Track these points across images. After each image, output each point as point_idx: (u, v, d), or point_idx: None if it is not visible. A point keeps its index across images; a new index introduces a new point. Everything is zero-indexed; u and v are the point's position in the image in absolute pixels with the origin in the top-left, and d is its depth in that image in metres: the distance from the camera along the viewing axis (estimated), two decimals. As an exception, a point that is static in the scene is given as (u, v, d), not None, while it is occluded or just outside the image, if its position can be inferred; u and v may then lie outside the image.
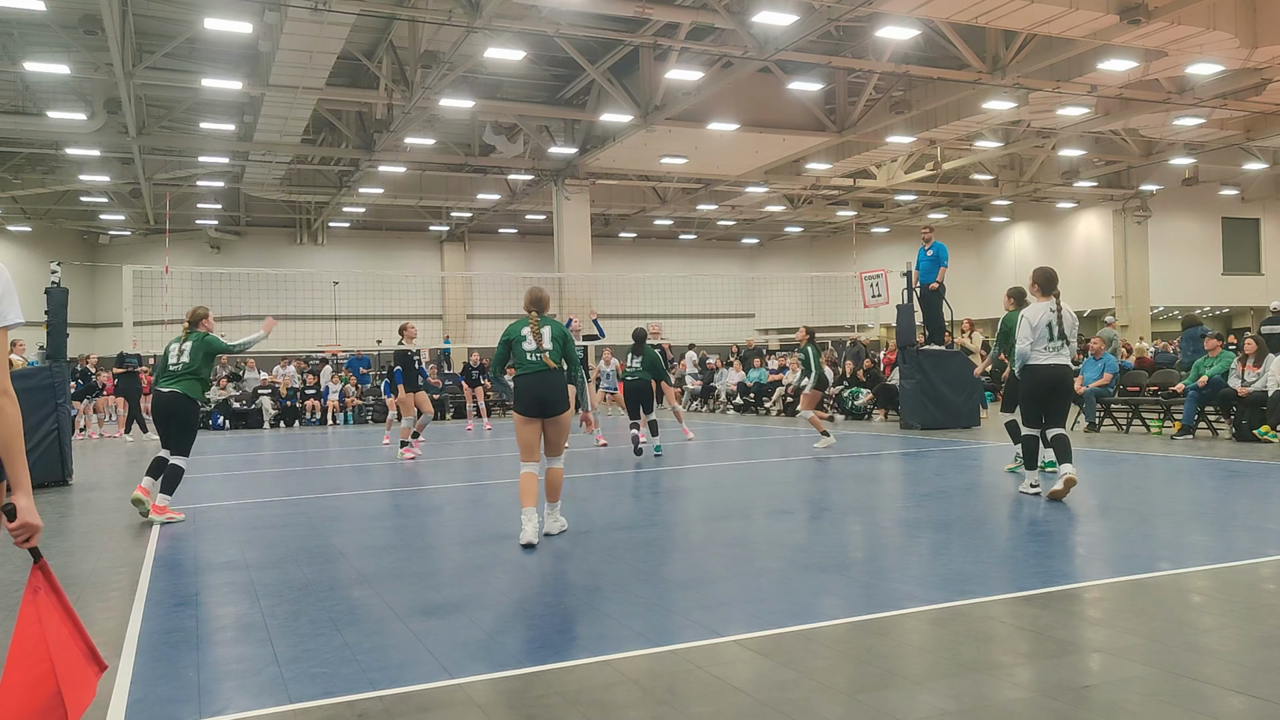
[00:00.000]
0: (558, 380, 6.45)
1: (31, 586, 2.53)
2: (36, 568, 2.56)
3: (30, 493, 2.53)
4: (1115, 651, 3.76)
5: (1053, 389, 7.59)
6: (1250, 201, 37.30)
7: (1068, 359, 7.64)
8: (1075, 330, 7.70)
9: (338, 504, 8.78)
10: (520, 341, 6.50)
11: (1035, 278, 7.82)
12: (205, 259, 37.89)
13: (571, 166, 28.62)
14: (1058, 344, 7.51)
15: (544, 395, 6.38)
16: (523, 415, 6.41)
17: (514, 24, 17.87)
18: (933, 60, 20.98)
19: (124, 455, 14.97)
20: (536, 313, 6.59)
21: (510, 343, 6.57)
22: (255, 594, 5.15)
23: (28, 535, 2.50)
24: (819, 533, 6.56)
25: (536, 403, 6.38)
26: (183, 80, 21.57)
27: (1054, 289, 7.69)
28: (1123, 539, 6.10)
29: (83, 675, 2.65)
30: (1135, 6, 15.72)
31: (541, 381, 6.39)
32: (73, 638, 2.64)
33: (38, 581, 2.55)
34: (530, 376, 6.41)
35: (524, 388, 6.42)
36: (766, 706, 3.27)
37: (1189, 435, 12.69)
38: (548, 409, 6.39)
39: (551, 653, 3.96)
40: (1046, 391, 7.58)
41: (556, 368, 6.46)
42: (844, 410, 18.42)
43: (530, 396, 6.39)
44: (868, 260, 36.98)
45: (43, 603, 2.54)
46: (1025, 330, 7.59)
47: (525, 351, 6.46)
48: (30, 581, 2.55)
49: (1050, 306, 7.56)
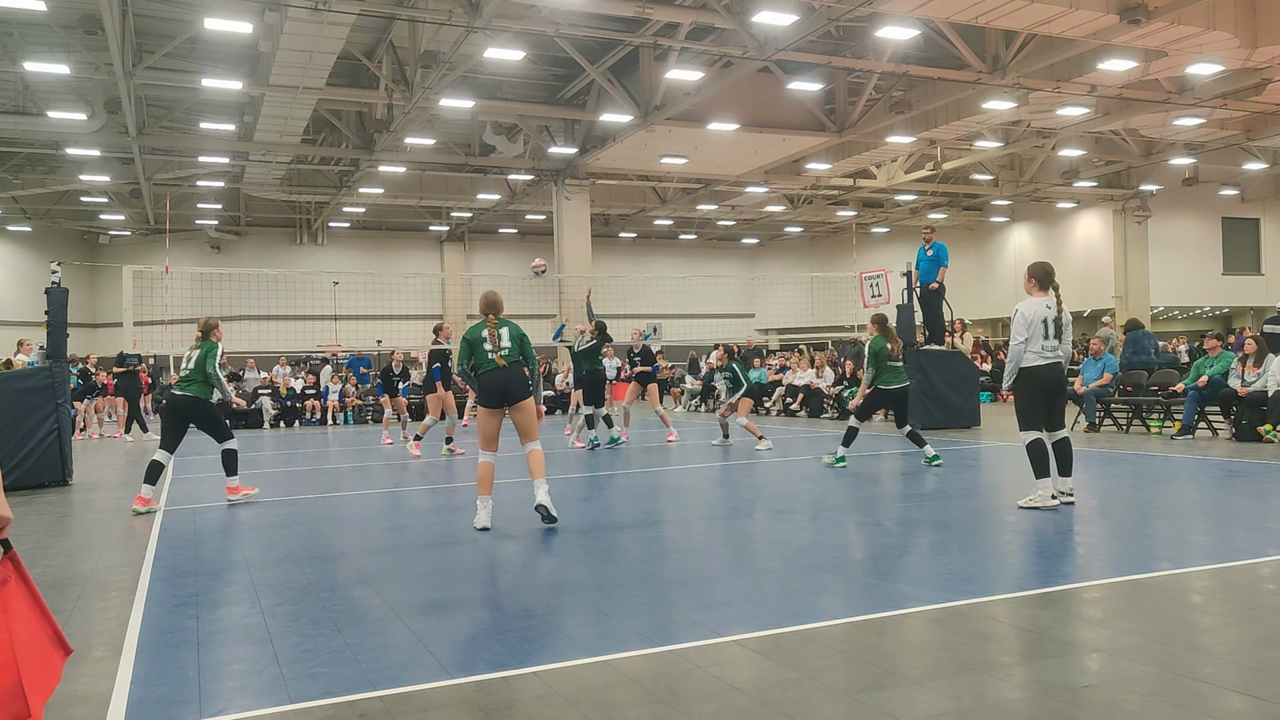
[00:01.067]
0: (514, 373, 7.06)
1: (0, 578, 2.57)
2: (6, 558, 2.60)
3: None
4: (1114, 652, 3.77)
5: (1054, 391, 7.21)
6: (1250, 201, 37.30)
7: (1063, 359, 7.23)
8: (1070, 330, 7.32)
9: (338, 504, 8.79)
10: (480, 343, 7.10)
11: (1032, 271, 7.41)
12: (205, 259, 37.89)
13: (571, 166, 28.63)
14: (1052, 344, 7.12)
15: (503, 386, 7.02)
16: (485, 407, 7.08)
17: (514, 24, 17.87)
18: (933, 60, 20.98)
19: (124, 455, 14.98)
20: (493, 315, 7.22)
21: (472, 343, 7.13)
22: (256, 594, 5.15)
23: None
24: (819, 533, 6.56)
25: (497, 393, 7.03)
26: (183, 80, 21.58)
27: (1051, 283, 7.30)
28: (1122, 539, 6.10)
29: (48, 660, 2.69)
30: (1135, 6, 15.73)
31: (499, 375, 7.03)
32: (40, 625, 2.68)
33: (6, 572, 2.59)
34: (491, 374, 7.04)
35: (485, 383, 7.06)
36: (766, 706, 3.27)
37: (1189, 435, 12.69)
38: (508, 398, 7.02)
39: (552, 653, 3.97)
40: (1048, 394, 7.19)
41: (511, 364, 7.06)
42: (844, 410, 18.42)
43: (491, 389, 7.03)
44: (868, 260, 36.98)
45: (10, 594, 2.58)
46: (1019, 326, 7.13)
47: (485, 352, 7.07)
48: None
49: (1047, 303, 7.18)
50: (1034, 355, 7.15)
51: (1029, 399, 7.25)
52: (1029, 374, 7.21)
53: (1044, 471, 7.10)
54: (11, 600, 2.58)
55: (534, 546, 6.23)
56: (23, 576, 2.65)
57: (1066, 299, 7.40)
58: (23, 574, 2.65)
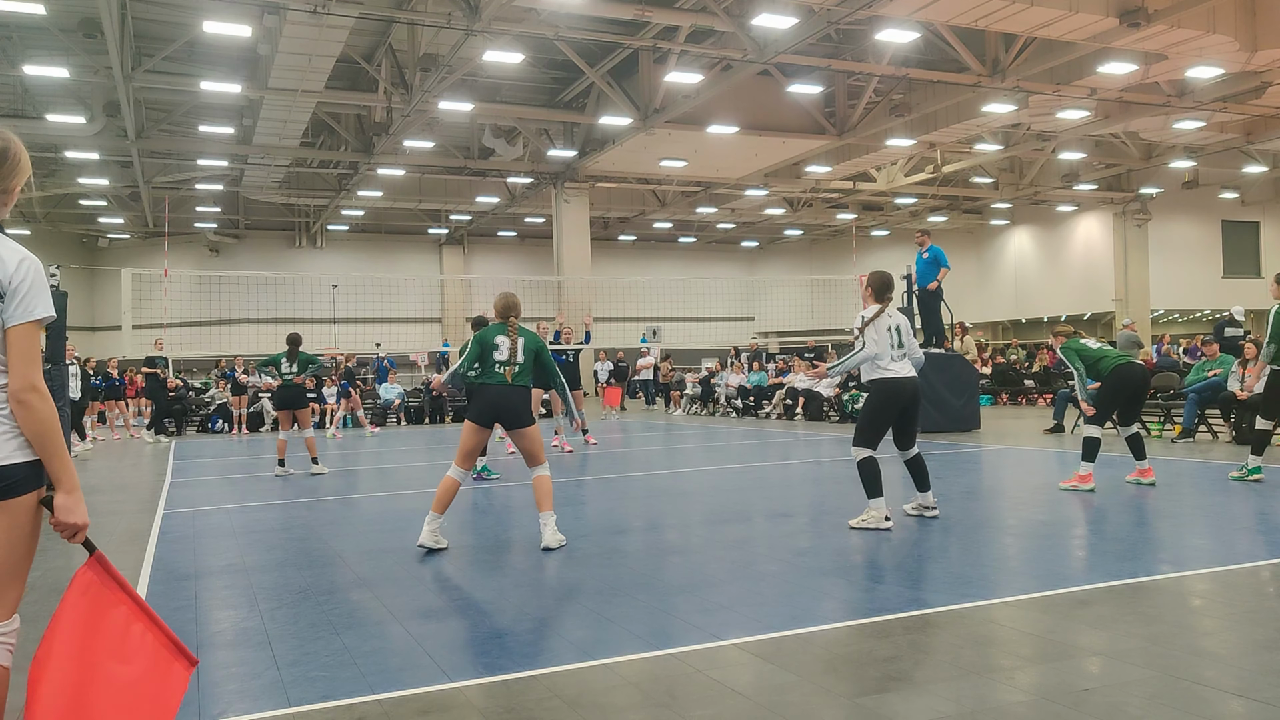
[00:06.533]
0: (518, 396, 6.31)
1: (78, 588, 2.43)
2: (92, 560, 2.47)
3: (73, 489, 2.49)
4: (1115, 655, 3.76)
5: (908, 406, 6.78)
6: (1250, 205, 37.34)
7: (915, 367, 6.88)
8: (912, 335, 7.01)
9: (336, 507, 8.77)
10: (494, 350, 6.31)
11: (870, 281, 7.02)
12: (204, 262, 37.92)
13: (571, 169, 28.64)
14: (900, 352, 6.74)
15: (500, 407, 6.28)
16: (474, 423, 6.32)
17: (513, 27, 17.89)
18: (933, 63, 21.01)
19: (141, 457, 14.93)
20: (514, 318, 6.46)
21: (485, 347, 6.34)
22: (254, 597, 5.14)
23: (71, 533, 2.47)
24: (819, 536, 6.55)
25: (490, 412, 6.29)
26: (182, 83, 21.60)
27: (888, 294, 6.96)
28: (1123, 542, 6.09)
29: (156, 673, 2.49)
30: (1135, 10, 15.75)
31: (502, 394, 6.27)
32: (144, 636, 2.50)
33: (90, 577, 2.45)
34: (493, 388, 6.28)
35: (482, 396, 6.31)
36: (766, 710, 3.26)
37: (1189, 438, 12.69)
38: (502, 421, 6.32)
39: (551, 656, 3.95)
40: (901, 410, 6.77)
41: (518, 384, 6.31)
42: (844, 413, 18.41)
43: (486, 404, 6.28)
44: (868, 263, 36.98)
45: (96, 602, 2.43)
46: (869, 334, 6.67)
47: (495, 361, 6.29)
48: (77, 581, 2.44)
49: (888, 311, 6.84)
50: (886, 367, 6.70)
51: (879, 412, 6.78)
52: (884, 386, 6.72)
53: (877, 491, 6.63)
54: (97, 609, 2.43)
55: (533, 550, 6.22)
56: (119, 583, 2.50)
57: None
58: (118, 580, 2.50)
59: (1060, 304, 36.90)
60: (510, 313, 6.47)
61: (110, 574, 2.50)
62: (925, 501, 7.05)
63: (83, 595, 2.44)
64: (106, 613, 2.46)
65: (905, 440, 6.98)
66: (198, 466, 12.77)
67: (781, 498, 8.65)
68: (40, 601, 4.95)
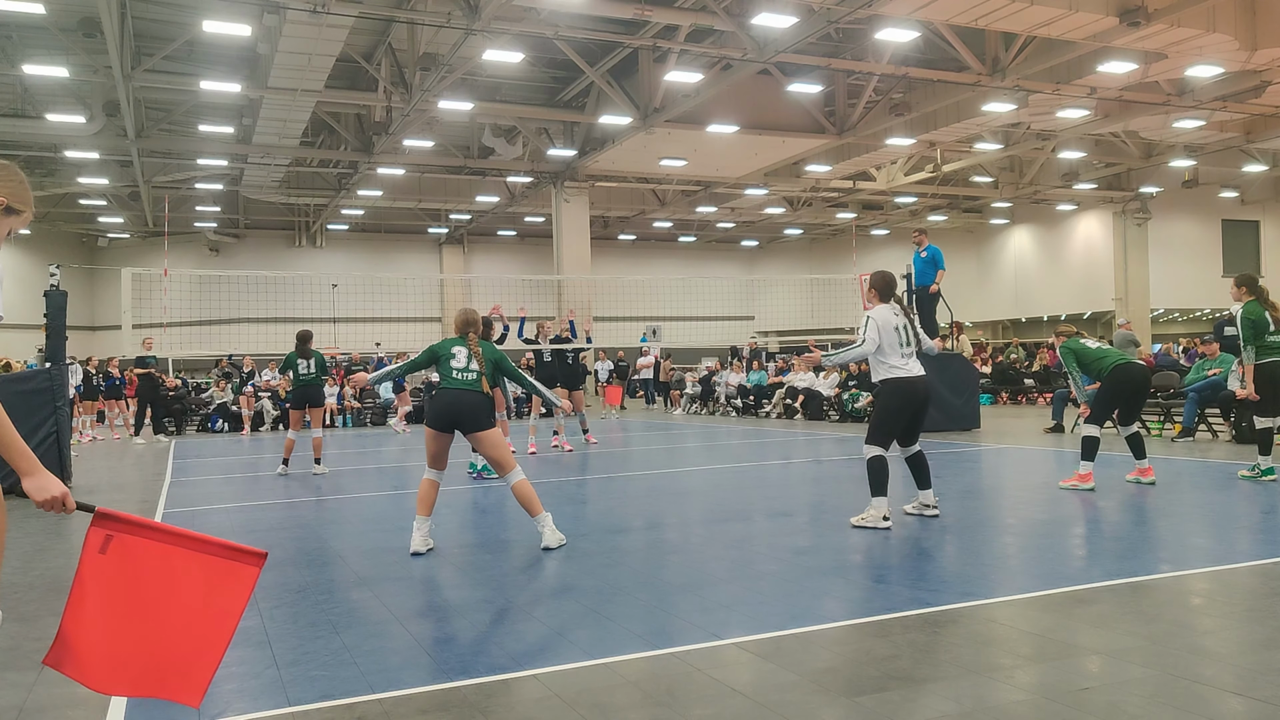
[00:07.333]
0: (472, 399, 6.31)
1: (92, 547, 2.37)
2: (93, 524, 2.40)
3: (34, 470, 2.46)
4: (1115, 654, 3.76)
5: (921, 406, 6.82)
6: (1250, 204, 37.32)
7: None
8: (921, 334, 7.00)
9: (336, 506, 8.78)
10: (450, 359, 6.41)
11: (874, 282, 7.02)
12: (204, 262, 37.91)
13: (570, 169, 28.64)
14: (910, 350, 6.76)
15: (457, 410, 6.29)
16: (432, 429, 6.37)
17: (513, 26, 17.89)
18: (932, 62, 21.00)
19: (134, 457, 14.94)
20: (474, 334, 6.53)
21: (440, 357, 6.46)
22: (254, 596, 5.13)
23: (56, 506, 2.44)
24: (819, 535, 6.55)
25: (446, 416, 6.31)
26: (182, 83, 21.60)
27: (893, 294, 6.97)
28: (1123, 541, 6.10)
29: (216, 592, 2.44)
30: (1135, 9, 15.74)
31: (458, 398, 6.30)
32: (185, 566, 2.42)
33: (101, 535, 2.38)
34: (449, 392, 6.33)
35: (439, 400, 6.39)
36: (766, 709, 3.26)
37: (1189, 437, 12.69)
38: (460, 425, 6.30)
39: (551, 655, 3.96)
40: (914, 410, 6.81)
41: (478, 392, 6.34)
42: (845, 413, 18.41)
43: (443, 407, 6.33)
44: (867, 263, 36.96)
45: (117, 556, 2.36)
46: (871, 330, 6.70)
47: (453, 369, 6.37)
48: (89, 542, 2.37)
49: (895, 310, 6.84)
50: (899, 365, 6.71)
51: (895, 413, 6.79)
52: (899, 386, 6.72)
53: (882, 490, 6.65)
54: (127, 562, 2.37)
55: (533, 549, 6.22)
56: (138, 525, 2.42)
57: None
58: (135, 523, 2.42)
59: (1060, 303, 36.90)
60: (469, 329, 6.55)
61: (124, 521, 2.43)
62: (926, 500, 7.05)
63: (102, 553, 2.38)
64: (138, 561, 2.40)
65: (909, 438, 6.99)
66: (197, 465, 12.77)
67: (781, 497, 8.66)
68: (40, 601, 4.94)
